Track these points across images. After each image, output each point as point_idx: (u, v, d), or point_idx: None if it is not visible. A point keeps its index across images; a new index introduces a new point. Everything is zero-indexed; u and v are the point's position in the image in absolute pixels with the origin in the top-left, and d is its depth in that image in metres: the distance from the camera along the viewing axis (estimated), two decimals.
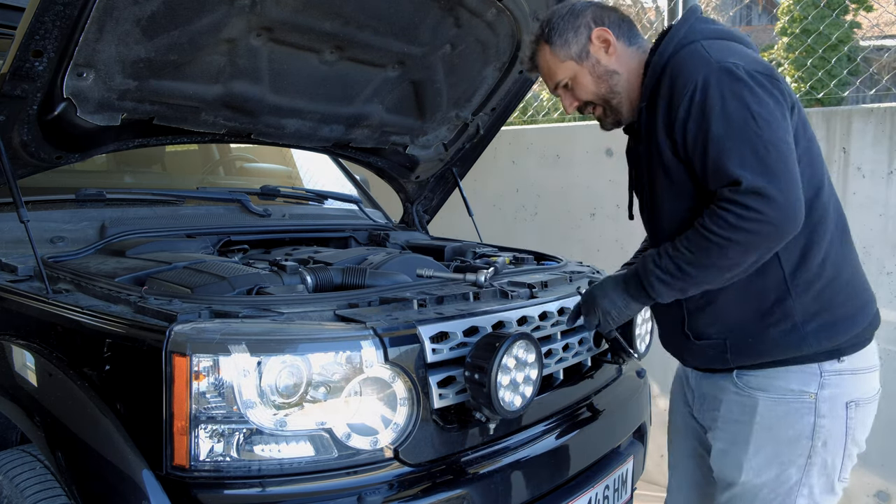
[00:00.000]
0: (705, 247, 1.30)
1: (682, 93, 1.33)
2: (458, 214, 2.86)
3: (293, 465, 1.32)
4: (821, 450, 1.44)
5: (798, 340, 1.42)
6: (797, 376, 1.44)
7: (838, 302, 1.44)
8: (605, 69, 1.49)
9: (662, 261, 1.39)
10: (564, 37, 1.48)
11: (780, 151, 1.25)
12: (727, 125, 1.27)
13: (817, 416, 1.43)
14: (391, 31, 2.05)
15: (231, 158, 3.38)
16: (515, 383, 1.50)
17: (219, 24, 1.76)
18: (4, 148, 1.66)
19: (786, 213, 1.24)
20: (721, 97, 1.28)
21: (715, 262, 1.32)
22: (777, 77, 1.35)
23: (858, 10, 8.61)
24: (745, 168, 1.24)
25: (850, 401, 1.44)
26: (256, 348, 1.30)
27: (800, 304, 1.41)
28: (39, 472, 1.48)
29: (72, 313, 1.48)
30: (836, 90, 6.10)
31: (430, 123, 2.56)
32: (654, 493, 3.36)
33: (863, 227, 2.80)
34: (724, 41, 1.40)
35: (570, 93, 1.55)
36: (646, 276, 1.42)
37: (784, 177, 1.24)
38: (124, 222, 2.07)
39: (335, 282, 1.79)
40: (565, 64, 1.50)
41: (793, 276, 1.41)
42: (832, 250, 1.43)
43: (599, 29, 1.48)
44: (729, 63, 1.31)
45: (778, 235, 1.27)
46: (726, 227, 1.26)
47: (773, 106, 1.29)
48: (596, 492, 1.79)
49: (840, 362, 1.44)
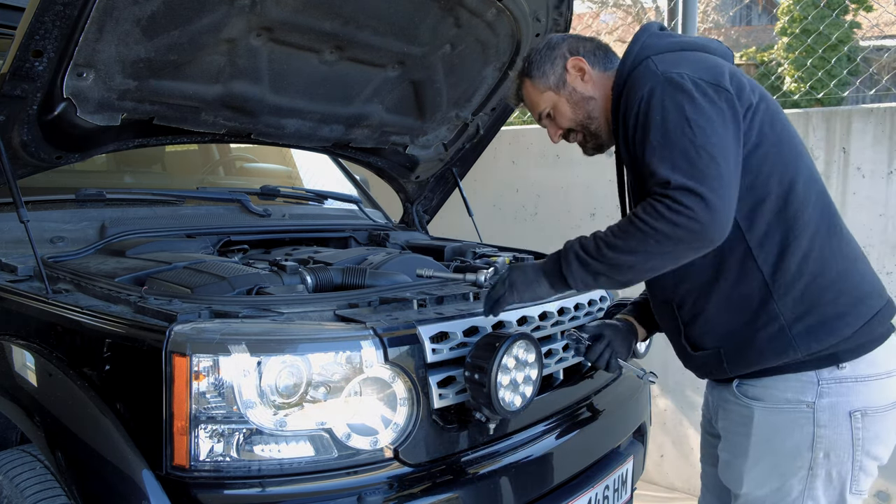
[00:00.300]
0: (630, 231, 1.29)
1: (631, 109, 1.38)
2: (458, 214, 2.86)
3: (293, 465, 1.32)
4: (823, 461, 1.39)
5: (785, 344, 1.38)
6: (793, 385, 1.40)
7: (826, 300, 1.38)
8: (581, 95, 1.55)
9: (586, 239, 1.37)
10: (542, 69, 1.56)
11: (712, 156, 1.26)
12: (664, 133, 1.30)
13: (816, 426, 1.38)
14: (391, 30, 2.05)
15: (231, 158, 3.38)
16: (515, 383, 1.50)
17: (219, 24, 1.76)
18: (4, 148, 1.66)
19: (713, 215, 1.24)
20: (662, 107, 1.32)
21: (634, 247, 1.29)
22: (723, 85, 1.34)
23: (858, 11, 8.62)
24: (676, 171, 1.26)
25: (855, 410, 1.38)
26: (256, 348, 1.30)
27: (783, 305, 1.38)
28: (39, 472, 1.48)
29: (72, 313, 1.48)
30: (836, 90, 6.10)
31: (430, 123, 2.56)
32: (654, 493, 3.36)
33: (863, 227, 2.80)
34: (677, 52, 1.43)
35: (552, 122, 1.61)
36: (565, 252, 1.39)
37: (715, 181, 1.25)
38: (124, 222, 2.07)
39: (335, 282, 1.80)
40: (545, 94, 1.57)
41: (773, 277, 1.38)
42: (815, 245, 1.38)
43: (574, 59, 1.55)
44: (673, 73, 1.34)
45: (700, 236, 1.25)
46: (654, 216, 1.26)
47: (713, 112, 1.30)
48: (596, 492, 1.79)
49: (840, 369, 1.38)
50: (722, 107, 1.32)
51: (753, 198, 1.38)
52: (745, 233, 1.38)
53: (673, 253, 1.29)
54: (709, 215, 1.23)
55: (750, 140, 1.36)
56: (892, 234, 2.76)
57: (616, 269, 1.33)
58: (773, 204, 1.38)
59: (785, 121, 1.44)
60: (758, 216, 1.38)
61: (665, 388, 3.40)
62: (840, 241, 1.43)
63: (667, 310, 1.55)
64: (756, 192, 1.37)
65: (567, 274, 1.37)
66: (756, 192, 1.37)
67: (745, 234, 1.38)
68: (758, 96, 1.40)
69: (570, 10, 2.27)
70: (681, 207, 1.24)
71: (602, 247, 1.32)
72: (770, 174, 1.37)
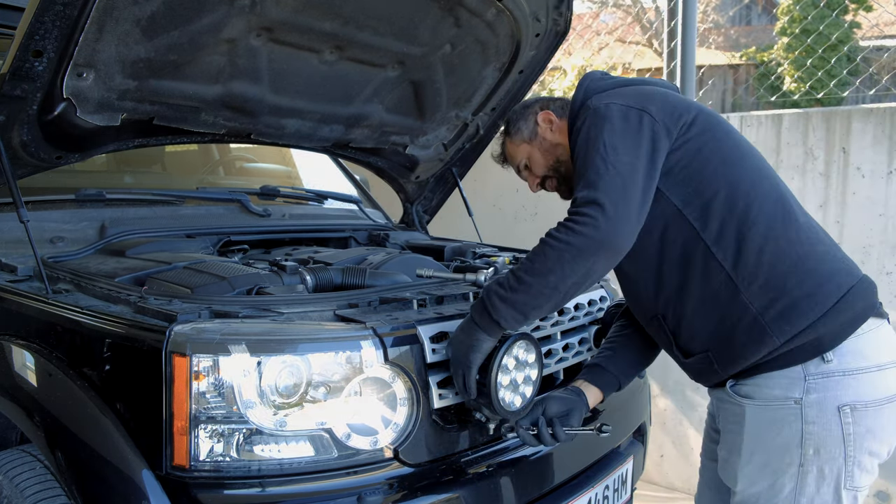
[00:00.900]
0: (543, 252, 1.35)
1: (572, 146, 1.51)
2: (458, 214, 2.86)
3: (293, 465, 1.32)
4: (813, 458, 1.40)
5: (761, 332, 1.40)
6: (780, 382, 1.42)
7: (791, 284, 1.40)
8: (550, 143, 1.71)
9: (503, 276, 1.40)
10: (517, 125, 1.75)
11: (618, 171, 1.36)
12: (584, 157, 1.42)
13: (804, 422, 1.39)
14: (391, 30, 2.05)
15: (231, 158, 3.38)
16: (515, 383, 1.50)
17: (219, 24, 1.76)
18: (4, 148, 1.66)
19: (610, 223, 1.31)
20: (587, 137, 1.44)
21: (550, 266, 1.33)
22: (646, 109, 1.44)
23: (858, 10, 8.62)
24: (586, 186, 1.36)
25: (844, 405, 1.38)
26: (256, 348, 1.30)
27: (751, 294, 1.41)
28: (39, 472, 1.48)
29: (72, 313, 1.48)
30: (836, 90, 6.10)
31: (430, 123, 2.56)
32: (654, 493, 3.36)
33: (863, 227, 2.80)
34: (614, 90, 1.55)
35: (529, 172, 1.76)
36: (487, 296, 1.39)
37: (615, 192, 1.34)
38: (124, 222, 2.07)
39: (335, 282, 1.80)
40: (520, 147, 1.75)
41: (735, 270, 1.42)
42: (771, 235, 1.42)
43: (544, 112, 1.72)
44: (601, 105, 1.47)
45: (602, 244, 1.31)
46: (563, 231, 1.33)
47: (628, 132, 1.41)
48: (596, 492, 1.79)
49: (826, 362, 1.39)
50: (641, 128, 1.42)
51: (701, 199, 1.45)
52: (701, 232, 1.45)
53: (585, 265, 1.33)
54: (606, 222, 1.31)
55: (690, 149, 1.46)
56: (891, 234, 2.76)
57: (539, 294, 1.36)
58: (721, 202, 1.44)
59: (729, 128, 1.53)
60: (709, 215, 1.44)
61: (665, 388, 3.40)
62: (797, 228, 1.46)
63: (655, 324, 1.59)
64: (703, 193, 1.45)
65: (496, 317, 1.37)
66: (703, 193, 1.45)
67: (701, 233, 1.45)
68: (694, 111, 1.49)
69: (570, 10, 2.27)
70: (584, 219, 1.32)
71: (521, 274, 1.37)
72: (713, 176, 1.45)
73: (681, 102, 1.51)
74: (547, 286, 1.35)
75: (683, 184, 1.45)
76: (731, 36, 15.13)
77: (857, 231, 2.82)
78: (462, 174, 2.84)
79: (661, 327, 1.57)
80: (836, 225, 2.85)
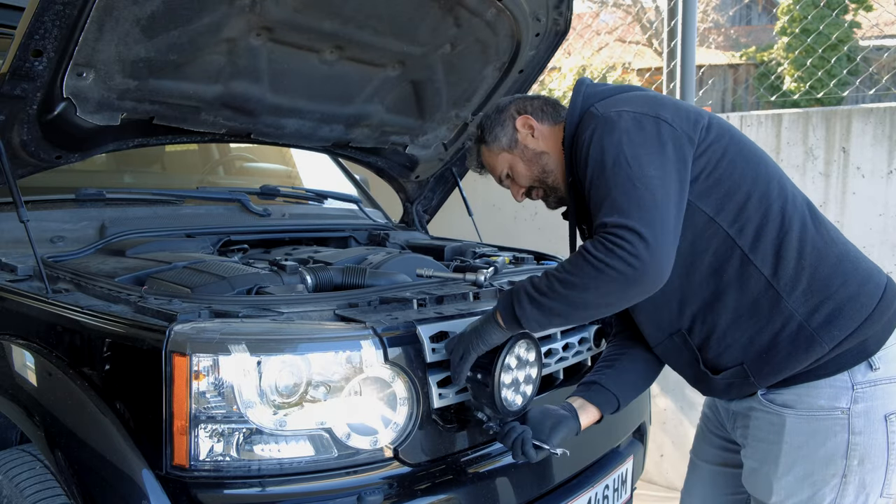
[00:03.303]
0: (581, 265, 1.27)
1: (580, 156, 1.40)
2: (458, 214, 2.86)
3: (293, 464, 1.32)
4: (857, 468, 1.36)
5: (809, 340, 1.34)
6: (826, 391, 1.36)
7: (835, 286, 1.36)
8: (533, 152, 1.58)
9: (537, 278, 1.35)
10: (494, 132, 1.60)
11: (648, 189, 1.28)
12: (602, 170, 1.33)
13: (851, 433, 1.35)
14: (391, 30, 2.05)
15: (231, 158, 3.37)
16: (517, 382, 1.50)
17: (218, 23, 1.76)
18: (4, 148, 1.66)
19: (655, 257, 1.23)
20: (601, 148, 1.34)
21: (586, 283, 1.26)
22: (661, 116, 1.36)
23: (858, 10, 8.62)
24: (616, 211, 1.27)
25: (891, 412, 1.35)
26: (256, 348, 1.30)
27: (795, 301, 1.36)
28: (39, 472, 1.48)
29: (71, 313, 1.48)
30: (836, 90, 6.10)
31: (430, 123, 2.56)
32: (654, 493, 3.36)
33: (862, 227, 2.80)
34: (617, 96, 1.46)
35: (513, 182, 1.64)
36: (517, 292, 1.35)
37: (653, 216, 1.25)
38: (124, 222, 2.07)
39: (335, 281, 1.80)
40: (500, 156, 1.61)
41: (775, 276, 1.36)
42: (807, 236, 1.38)
43: (522, 117, 1.59)
44: (612, 113, 1.38)
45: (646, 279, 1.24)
46: (603, 251, 1.24)
47: (649, 143, 1.33)
48: (596, 491, 1.79)
49: (874, 370, 1.35)
50: (661, 137, 1.34)
51: (734, 203, 1.38)
52: (736, 239, 1.38)
53: (623, 293, 1.27)
54: (650, 256, 1.23)
55: (715, 153, 1.39)
56: (891, 234, 2.76)
57: (570, 306, 1.30)
58: (756, 204, 1.38)
59: (740, 134, 1.47)
60: (744, 219, 1.38)
61: (665, 388, 3.40)
62: (827, 229, 1.42)
63: (675, 343, 1.51)
64: (735, 196, 1.38)
65: (520, 314, 1.33)
66: (735, 196, 1.38)
67: (737, 240, 1.38)
68: (707, 117, 1.43)
69: (570, 9, 2.27)
70: (623, 243, 1.23)
71: (555, 283, 1.30)
72: (742, 177, 1.39)
73: (691, 107, 1.46)
74: (577, 300, 1.29)
75: (712, 190, 1.38)
76: (731, 35, 15.14)
77: (857, 231, 2.82)
78: (462, 174, 2.84)
79: (685, 344, 1.48)
80: (836, 225, 2.85)
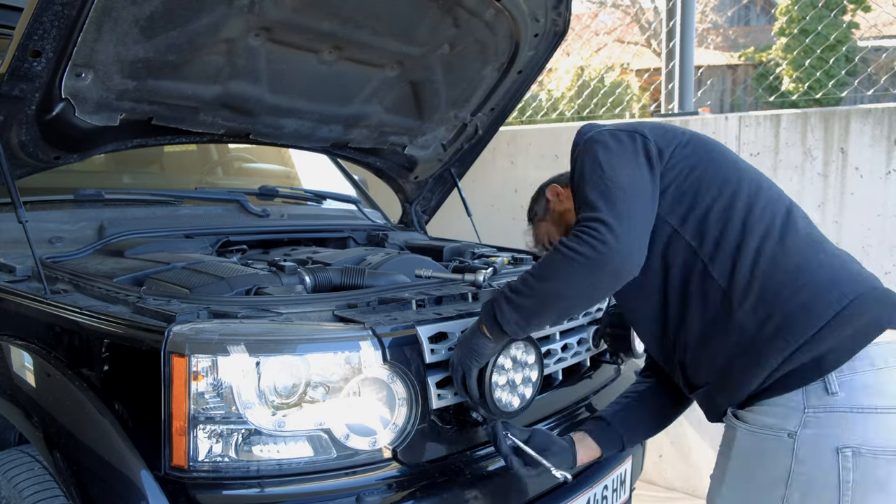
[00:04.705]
0: (552, 257, 1.33)
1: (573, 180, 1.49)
2: (457, 215, 2.86)
3: (292, 465, 1.32)
4: (798, 502, 1.25)
5: (758, 353, 1.29)
6: (777, 410, 1.28)
7: (786, 295, 1.29)
8: (558, 213, 1.80)
9: (514, 281, 1.39)
10: (534, 210, 1.88)
11: (618, 184, 1.36)
12: (581, 179, 1.42)
13: (795, 460, 1.24)
14: (389, 31, 2.05)
15: (229, 159, 3.37)
16: (513, 383, 1.50)
17: (217, 24, 1.76)
18: (3, 148, 1.66)
19: (620, 242, 1.28)
20: (582, 164, 1.44)
21: (557, 272, 1.31)
22: (637, 130, 1.46)
23: (856, 11, 8.63)
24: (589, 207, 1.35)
25: (844, 447, 1.20)
26: (255, 349, 1.30)
27: (745, 314, 1.31)
28: (38, 473, 1.48)
29: (70, 314, 1.48)
30: (834, 90, 6.10)
31: (429, 124, 2.56)
32: (654, 493, 3.36)
33: (861, 227, 2.80)
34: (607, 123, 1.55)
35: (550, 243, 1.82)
36: (496, 298, 1.39)
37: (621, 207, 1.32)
38: (123, 223, 2.07)
39: (334, 282, 1.79)
40: (540, 226, 1.87)
41: (730, 287, 1.34)
42: (766, 245, 1.34)
43: (551, 187, 1.82)
44: (593, 134, 1.48)
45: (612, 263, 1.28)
46: (575, 241, 1.30)
47: (623, 150, 1.42)
48: (595, 491, 1.79)
49: (830, 395, 1.23)
50: (635, 146, 1.43)
51: (695, 215, 1.41)
52: (698, 250, 1.39)
53: (590, 279, 1.30)
54: (615, 240, 1.28)
55: (685, 167, 1.44)
56: (890, 234, 2.76)
57: (544, 300, 1.34)
58: (717, 215, 1.39)
59: (723, 149, 1.52)
60: (705, 230, 1.39)
61: None
62: (795, 238, 1.36)
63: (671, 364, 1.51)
64: (696, 210, 1.41)
65: (501, 319, 1.35)
66: (696, 210, 1.41)
67: (698, 251, 1.39)
68: (689, 135, 1.50)
69: (569, 10, 2.27)
70: (592, 231, 1.29)
71: (529, 279, 1.35)
72: (708, 191, 1.42)
73: (674, 128, 1.52)
74: (551, 293, 1.32)
75: (678, 202, 1.41)
76: (730, 36, 15.15)
77: (856, 231, 2.83)
78: (461, 174, 2.84)
79: (676, 364, 1.48)
80: (834, 225, 2.86)
